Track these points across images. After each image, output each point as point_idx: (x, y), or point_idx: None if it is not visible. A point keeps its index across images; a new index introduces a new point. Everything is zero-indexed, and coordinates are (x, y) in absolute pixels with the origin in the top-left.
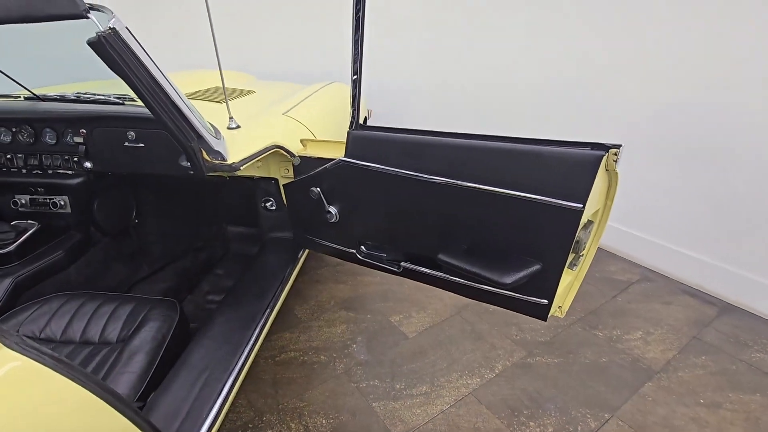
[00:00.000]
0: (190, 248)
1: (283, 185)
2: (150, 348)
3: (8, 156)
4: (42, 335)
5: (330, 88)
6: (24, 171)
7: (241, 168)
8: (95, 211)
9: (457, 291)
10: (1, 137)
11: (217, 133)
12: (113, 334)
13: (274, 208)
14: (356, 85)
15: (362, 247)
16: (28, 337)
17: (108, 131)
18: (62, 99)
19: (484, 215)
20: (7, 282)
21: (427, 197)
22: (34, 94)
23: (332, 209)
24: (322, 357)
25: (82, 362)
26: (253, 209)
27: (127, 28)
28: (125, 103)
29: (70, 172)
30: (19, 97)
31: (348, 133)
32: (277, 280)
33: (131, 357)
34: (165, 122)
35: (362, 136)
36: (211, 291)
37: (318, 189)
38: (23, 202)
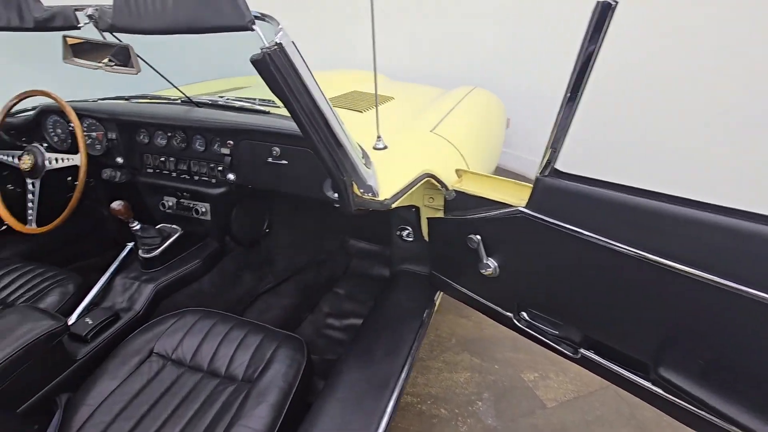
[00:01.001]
0: (313, 262)
1: (427, 218)
2: (275, 400)
3: (162, 159)
4: (174, 356)
5: (475, 97)
6: (173, 175)
7: (393, 205)
8: (232, 221)
9: (681, 419)
10: (158, 140)
11: (368, 161)
12: (240, 369)
13: (411, 239)
14: (567, 119)
15: (523, 313)
16: (161, 356)
17: (253, 144)
18: (213, 104)
19: (745, 328)
20: (150, 288)
21: (651, 284)
22: (189, 99)
23: (491, 262)
24: (442, 410)
25: (207, 399)
26: (386, 235)
27: (293, 42)
28: (270, 112)
29: (213, 180)
30: (177, 101)
31: (537, 179)
32: (411, 331)
33: (256, 404)
34: (319, 151)
35: (557, 187)
36: (331, 313)
37: (478, 237)
38: (170, 204)
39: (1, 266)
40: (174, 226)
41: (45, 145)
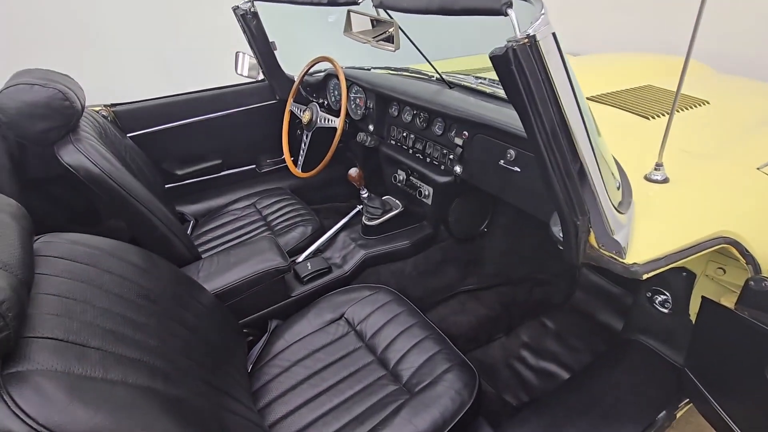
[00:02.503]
0: (528, 278)
1: (704, 297)
2: (424, 430)
3: (404, 133)
4: (358, 327)
5: None
6: (410, 152)
7: (645, 276)
8: (451, 211)
9: None
10: (405, 115)
11: (625, 202)
12: (406, 372)
13: (666, 309)
14: None
15: None
16: (348, 322)
17: (488, 141)
18: (465, 86)
19: None
20: (361, 254)
21: None
22: (442, 78)
23: None
24: None
25: (369, 387)
26: (633, 282)
27: (554, 35)
28: None
29: (442, 167)
30: (433, 77)
31: None
32: None
33: (406, 422)
34: (549, 177)
35: None
36: (529, 345)
37: None
38: (400, 178)
39: (278, 194)
40: (397, 201)
41: (324, 103)
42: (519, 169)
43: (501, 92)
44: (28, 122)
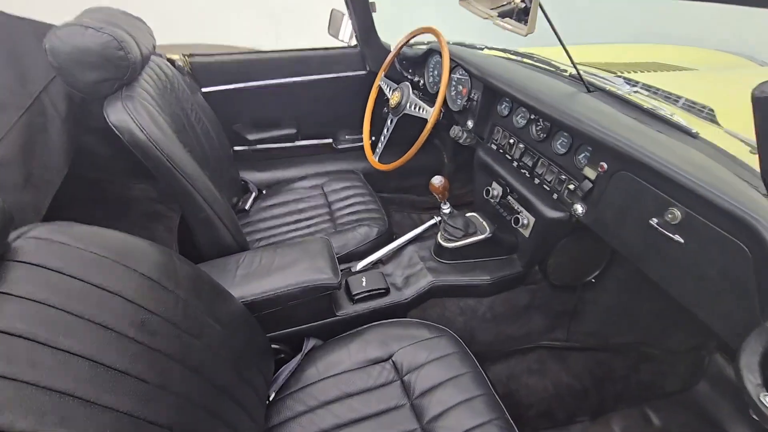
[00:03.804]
0: (636, 347)
1: None
2: None
3: (511, 140)
4: (406, 378)
5: None
6: (514, 164)
7: None
8: (554, 252)
9: None
10: (517, 118)
11: None
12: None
13: None
14: None
15: None
16: (396, 368)
17: (638, 185)
18: (611, 94)
19: None
20: (428, 280)
21: None
22: (580, 77)
23: None
24: None
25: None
26: None
27: None
28: (700, 137)
29: (554, 196)
30: (565, 72)
31: None
32: None
33: None
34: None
35: None
36: None
37: None
38: (494, 194)
39: (349, 178)
40: (485, 223)
41: (420, 82)
42: (683, 241)
43: (664, 113)
44: (78, 70)
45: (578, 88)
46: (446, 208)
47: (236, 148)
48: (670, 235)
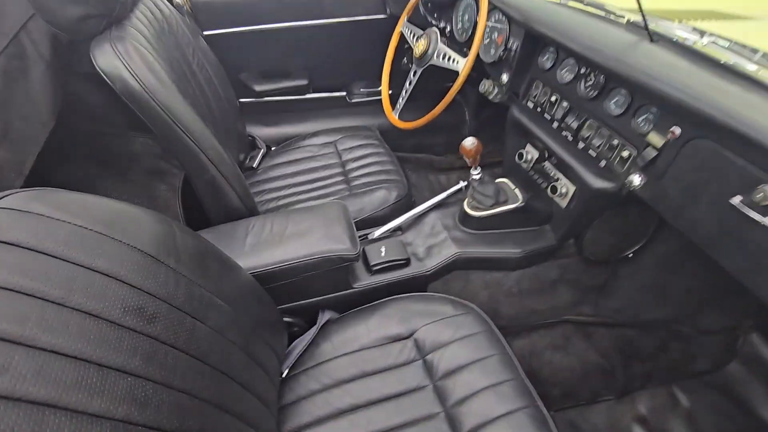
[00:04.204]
0: (666, 324)
1: None
2: None
3: (552, 98)
4: (428, 357)
5: None
6: (554, 125)
7: None
8: (591, 225)
9: None
10: (563, 72)
11: None
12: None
13: None
14: None
15: None
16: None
17: (719, 157)
18: (683, 46)
19: None
20: (452, 250)
21: None
22: (645, 25)
23: None
24: None
25: None
26: None
27: None
28: None
29: (602, 163)
30: (622, 18)
31: None
32: None
33: None
34: None
35: None
36: (647, 421)
37: None
38: (528, 158)
39: (365, 136)
40: (517, 191)
41: (447, 29)
42: None
43: (755, 71)
44: (58, 4)
45: (640, 36)
46: (476, 174)
47: (242, 100)
48: (759, 217)
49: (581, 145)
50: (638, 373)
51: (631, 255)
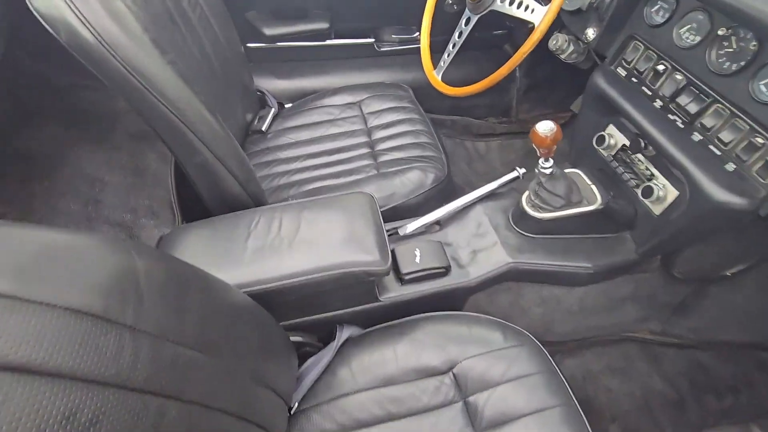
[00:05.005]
0: (752, 348)
1: None
2: None
3: (661, 66)
4: (472, 398)
5: None
6: (657, 103)
7: None
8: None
9: None
10: (683, 31)
11: None
12: None
13: None
14: None
15: None
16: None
17: None
18: None
19: None
20: (503, 258)
21: None
22: None
23: None
24: None
25: None
26: None
27: None
28: None
29: (737, 173)
30: None
31: None
32: None
33: None
34: None
35: None
36: None
37: None
38: (611, 143)
39: (395, 96)
40: (594, 189)
41: None
42: None
43: None
44: None
45: None
46: (548, 167)
47: (249, 44)
48: None
49: (697, 137)
50: (714, 409)
51: (729, 274)
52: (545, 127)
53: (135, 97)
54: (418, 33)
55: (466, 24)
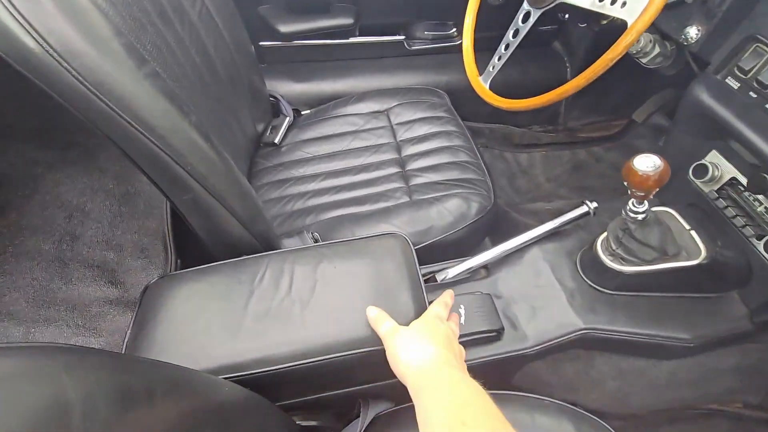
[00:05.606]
0: None
1: None
2: None
3: None
4: None
5: None
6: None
7: None
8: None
9: None
10: None
11: None
12: None
13: None
14: None
15: None
16: None
17: None
18: None
19: None
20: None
21: None
22: None
23: None
24: None
25: None
26: None
27: None
28: None
29: None
30: None
31: None
32: None
33: None
34: None
35: None
36: None
37: None
38: (716, 174)
39: (429, 104)
40: (694, 234)
41: None
42: None
43: None
44: None
45: None
46: (640, 211)
47: (262, 43)
48: None
49: None
50: None
51: None
52: (647, 164)
53: (100, 120)
54: (455, 29)
55: (524, 20)
